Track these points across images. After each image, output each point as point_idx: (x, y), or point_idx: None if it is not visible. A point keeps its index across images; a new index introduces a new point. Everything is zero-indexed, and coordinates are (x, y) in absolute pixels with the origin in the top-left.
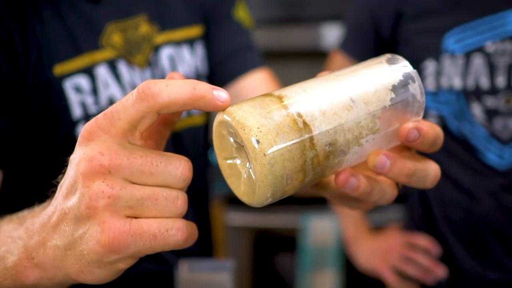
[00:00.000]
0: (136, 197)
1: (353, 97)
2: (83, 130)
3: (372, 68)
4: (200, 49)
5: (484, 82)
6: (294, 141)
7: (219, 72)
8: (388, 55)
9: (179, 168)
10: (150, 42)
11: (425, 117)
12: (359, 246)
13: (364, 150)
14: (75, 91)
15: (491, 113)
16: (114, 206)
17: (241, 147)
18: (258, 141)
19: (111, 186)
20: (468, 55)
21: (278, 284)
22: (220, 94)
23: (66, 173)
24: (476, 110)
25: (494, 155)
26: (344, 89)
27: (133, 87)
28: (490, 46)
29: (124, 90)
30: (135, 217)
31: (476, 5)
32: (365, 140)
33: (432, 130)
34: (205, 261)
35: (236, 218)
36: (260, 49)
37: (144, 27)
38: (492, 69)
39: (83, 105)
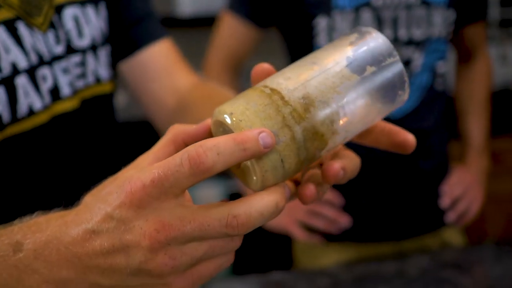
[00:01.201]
0: (195, 257)
1: (315, 60)
2: (130, 195)
3: (332, 41)
4: (103, 10)
5: None
6: (265, 102)
7: (122, 39)
8: None
9: (225, 224)
10: (50, 1)
11: None
12: None
13: (351, 98)
14: None
15: None
16: (177, 271)
17: None
18: (231, 113)
19: (173, 257)
20: (357, 10)
21: None
22: (265, 141)
23: (106, 225)
24: None
25: None
26: (306, 58)
27: (36, 51)
28: (376, 1)
29: (27, 55)
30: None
31: None
32: (342, 88)
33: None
34: None
35: None
36: None
37: None
38: (379, 23)
39: None
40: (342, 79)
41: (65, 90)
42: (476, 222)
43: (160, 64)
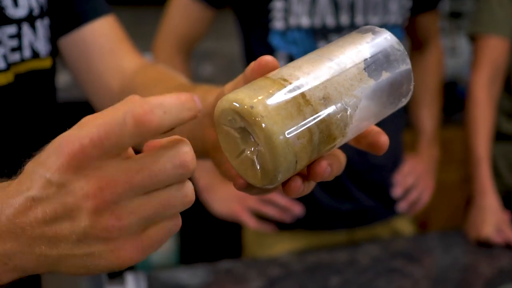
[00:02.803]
0: (144, 216)
1: (332, 57)
2: (68, 157)
3: (345, 37)
4: None
5: (330, 21)
6: (286, 99)
7: (64, 12)
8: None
9: (178, 164)
10: None
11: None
12: (215, 193)
13: (364, 103)
14: None
15: None
16: (125, 233)
17: (244, 132)
18: (252, 107)
19: (119, 217)
20: None
21: None
22: (198, 104)
23: (46, 193)
24: None
25: None
26: (322, 54)
27: None
28: None
29: None
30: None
31: None
32: (359, 92)
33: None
34: None
35: None
36: None
37: None
38: (336, 8)
39: None
40: (360, 82)
41: None
42: (423, 211)
43: (103, 42)
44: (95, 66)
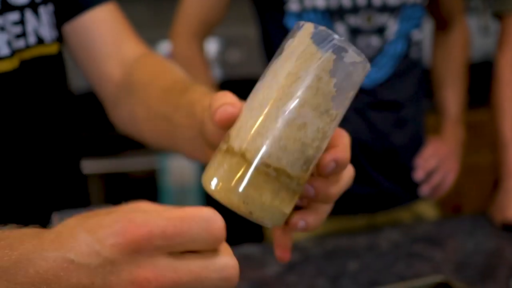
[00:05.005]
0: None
1: (302, 113)
2: (129, 239)
3: (303, 58)
4: None
5: (347, 1)
6: (276, 189)
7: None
8: (311, 29)
9: (225, 277)
10: None
11: None
12: None
13: (334, 128)
14: None
15: (354, 32)
16: None
17: None
18: (251, 212)
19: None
20: None
21: None
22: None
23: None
24: (340, 29)
25: None
26: (291, 109)
27: None
28: None
29: None
30: None
31: None
32: (330, 128)
33: (344, 154)
34: (80, 211)
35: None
36: None
37: None
38: None
39: None
40: (331, 119)
41: (3, 49)
42: (452, 194)
43: (105, 29)
44: (96, 54)
